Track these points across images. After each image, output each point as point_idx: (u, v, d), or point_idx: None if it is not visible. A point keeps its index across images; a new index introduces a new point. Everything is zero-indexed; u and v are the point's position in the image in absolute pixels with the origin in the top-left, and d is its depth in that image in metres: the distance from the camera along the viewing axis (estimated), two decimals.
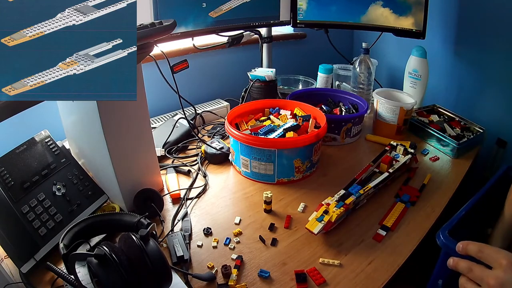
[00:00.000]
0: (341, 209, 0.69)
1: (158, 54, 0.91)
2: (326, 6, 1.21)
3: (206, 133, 1.12)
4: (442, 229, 0.57)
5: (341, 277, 0.61)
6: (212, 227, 0.72)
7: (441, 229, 0.58)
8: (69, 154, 0.76)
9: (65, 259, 0.51)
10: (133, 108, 0.70)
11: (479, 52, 1.18)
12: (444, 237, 0.56)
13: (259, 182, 0.88)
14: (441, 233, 0.57)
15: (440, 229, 0.58)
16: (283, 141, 0.84)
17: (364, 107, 1.09)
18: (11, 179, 0.64)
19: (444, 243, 0.56)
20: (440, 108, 1.18)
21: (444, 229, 0.57)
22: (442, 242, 0.56)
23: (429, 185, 0.87)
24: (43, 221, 0.63)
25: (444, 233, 0.56)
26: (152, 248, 0.51)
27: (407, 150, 0.91)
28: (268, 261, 0.65)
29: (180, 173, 0.91)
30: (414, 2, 1.12)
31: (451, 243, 0.54)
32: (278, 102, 1.07)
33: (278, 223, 0.74)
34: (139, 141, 0.75)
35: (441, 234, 0.57)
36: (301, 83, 1.41)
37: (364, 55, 1.21)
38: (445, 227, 0.58)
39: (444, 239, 0.56)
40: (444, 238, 0.56)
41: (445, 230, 0.57)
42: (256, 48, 1.30)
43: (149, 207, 0.73)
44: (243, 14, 1.08)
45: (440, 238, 0.56)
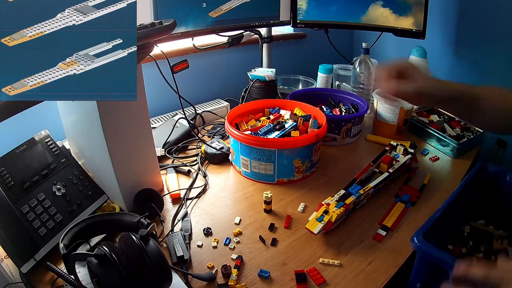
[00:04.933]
0: (341, 209, 0.69)
1: (158, 54, 0.91)
2: (326, 6, 1.21)
3: (206, 133, 1.12)
4: (417, 232, 0.55)
5: (341, 277, 0.61)
6: (212, 227, 0.72)
7: (416, 232, 0.55)
8: (69, 154, 0.76)
9: (65, 259, 0.52)
10: (133, 108, 0.70)
11: (479, 52, 1.18)
12: (419, 240, 0.53)
13: (259, 182, 0.88)
14: (416, 237, 0.54)
15: (414, 233, 0.55)
16: (283, 141, 0.84)
17: (364, 107, 1.09)
18: (11, 179, 0.64)
19: (419, 247, 0.53)
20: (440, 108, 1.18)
21: (419, 232, 0.54)
22: (417, 246, 0.53)
23: (429, 185, 0.87)
24: (43, 221, 0.63)
25: (419, 237, 0.54)
26: (152, 248, 0.51)
27: (407, 150, 0.91)
28: (268, 261, 0.65)
29: (180, 173, 0.91)
30: (414, 2, 1.13)
31: (426, 247, 0.52)
32: (278, 102, 1.07)
33: (278, 223, 0.74)
34: (139, 141, 0.75)
35: (416, 237, 0.54)
36: (301, 83, 1.41)
37: (364, 55, 1.21)
38: (420, 230, 0.55)
39: (419, 242, 0.53)
40: (419, 241, 0.53)
41: (420, 233, 0.54)
42: (256, 48, 1.30)
43: (149, 207, 0.73)
44: (243, 14, 1.08)
45: (414, 242, 0.54)
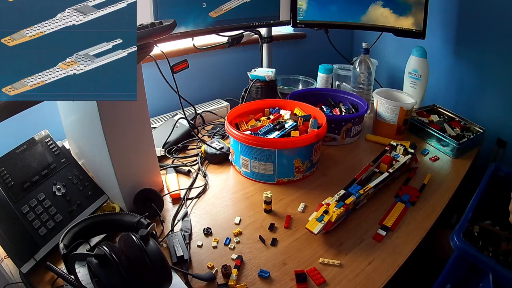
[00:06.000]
0: (341, 209, 0.69)
1: (158, 54, 0.91)
2: (326, 6, 1.21)
3: (206, 133, 1.12)
4: (456, 232, 0.54)
5: (341, 277, 0.61)
6: (212, 227, 0.72)
7: (455, 232, 0.54)
8: (69, 154, 0.76)
9: (65, 259, 0.51)
10: (133, 108, 0.70)
11: (479, 52, 1.18)
12: (459, 240, 0.52)
13: (259, 182, 0.88)
14: (456, 236, 0.53)
15: (453, 232, 0.54)
16: (283, 141, 0.84)
17: (364, 107, 1.09)
18: (11, 179, 0.64)
19: (459, 246, 0.52)
20: (440, 108, 1.18)
21: (458, 232, 0.54)
22: (457, 245, 0.53)
23: (429, 185, 0.87)
24: (43, 221, 0.63)
25: (459, 237, 0.53)
26: (152, 248, 0.51)
27: (407, 150, 0.91)
28: (268, 261, 0.65)
29: (180, 173, 0.91)
30: (414, 2, 1.12)
31: (467, 246, 0.52)
32: (278, 102, 1.07)
33: (278, 223, 0.74)
34: (139, 141, 0.75)
35: (456, 237, 0.53)
36: (301, 83, 1.41)
37: (364, 55, 1.21)
38: (458, 229, 0.55)
39: (459, 242, 0.52)
40: (459, 241, 0.52)
41: (459, 233, 0.53)
42: (256, 48, 1.30)
43: (149, 207, 0.73)
44: (243, 14, 1.08)
45: (454, 241, 0.53)
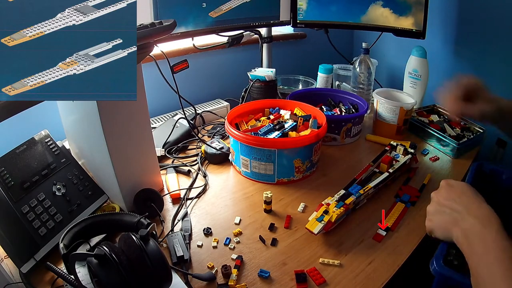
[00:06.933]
0: (341, 209, 0.69)
1: (158, 54, 0.91)
2: (326, 6, 1.21)
3: (206, 133, 1.12)
4: (436, 256, 0.50)
5: (341, 277, 0.61)
6: (212, 227, 0.72)
7: (435, 256, 0.50)
8: (69, 154, 0.76)
9: (65, 259, 0.52)
10: (133, 108, 0.70)
11: (479, 52, 1.18)
12: (438, 266, 0.49)
13: (259, 182, 0.88)
14: (435, 262, 0.49)
15: (434, 257, 0.50)
16: (283, 141, 0.84)
17: (364, 107, 1.09)
18: (11, 179, 0.64)
19: (438, 272, 0.49)
20: (440, 108, 1.18)
21: (438, 257, 0.50)
22: (436, 271, 0.49)
23: (429, 185, 0.87)
24: (43, 221, 0.63)
25: (439, 262, 0.49)
26: (152, 248, 0.51)
27: (407, 150, 0.91)
28: (268, 261, 0.65)
29: (180, 173, 0.91)
30: (414, 2, 1.12)
31: (447, 272, 0.48)
32: (278, 102, 1.07)
33: (278, 223, 0.74)
34: (139, 141, 0.75)
35: (435, 262, 0.49)
36: (301, 83, 1.41)
37: (364, 55, 1.21)
38: (438, 254, 0.51)
39: (439, 267, 0.49)
40: (438, 267, 0.49)
41: (439, 258, 0.50)
42: (256, 48, 1.30)
43: (149, 207, 0.73)
44: (243, 14, 1.08)
45: (433, 267, 0.49)
